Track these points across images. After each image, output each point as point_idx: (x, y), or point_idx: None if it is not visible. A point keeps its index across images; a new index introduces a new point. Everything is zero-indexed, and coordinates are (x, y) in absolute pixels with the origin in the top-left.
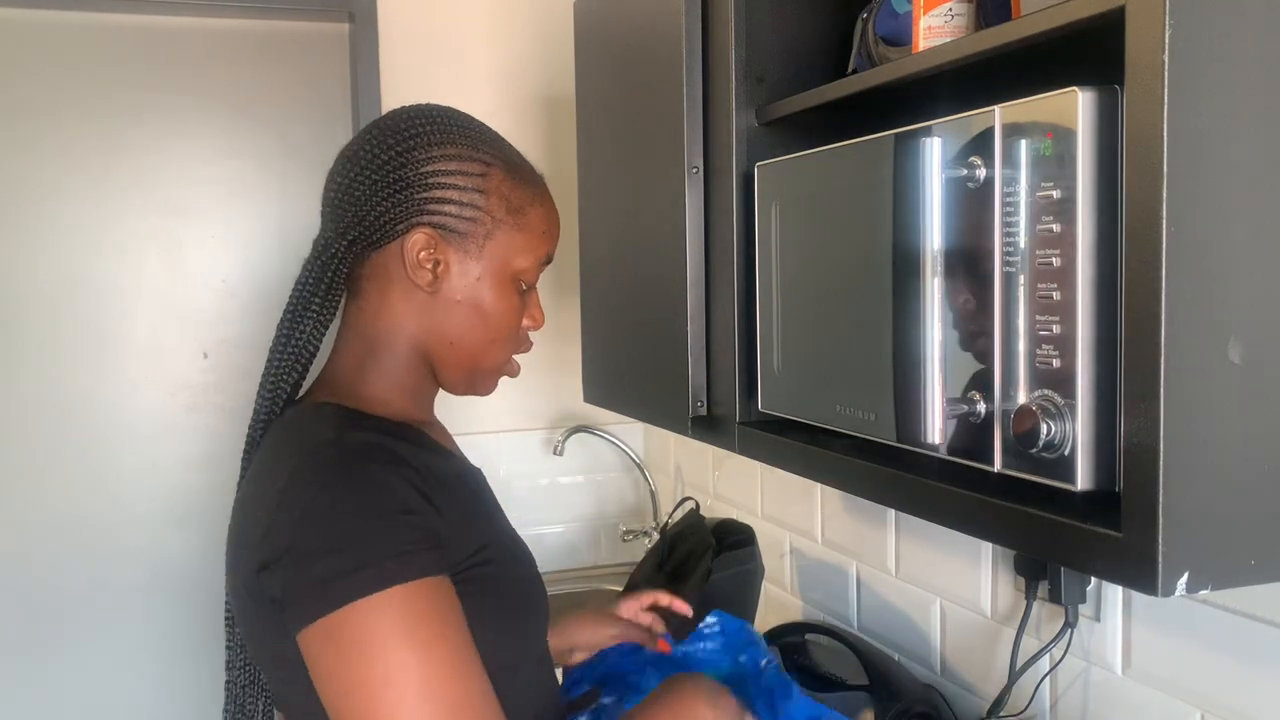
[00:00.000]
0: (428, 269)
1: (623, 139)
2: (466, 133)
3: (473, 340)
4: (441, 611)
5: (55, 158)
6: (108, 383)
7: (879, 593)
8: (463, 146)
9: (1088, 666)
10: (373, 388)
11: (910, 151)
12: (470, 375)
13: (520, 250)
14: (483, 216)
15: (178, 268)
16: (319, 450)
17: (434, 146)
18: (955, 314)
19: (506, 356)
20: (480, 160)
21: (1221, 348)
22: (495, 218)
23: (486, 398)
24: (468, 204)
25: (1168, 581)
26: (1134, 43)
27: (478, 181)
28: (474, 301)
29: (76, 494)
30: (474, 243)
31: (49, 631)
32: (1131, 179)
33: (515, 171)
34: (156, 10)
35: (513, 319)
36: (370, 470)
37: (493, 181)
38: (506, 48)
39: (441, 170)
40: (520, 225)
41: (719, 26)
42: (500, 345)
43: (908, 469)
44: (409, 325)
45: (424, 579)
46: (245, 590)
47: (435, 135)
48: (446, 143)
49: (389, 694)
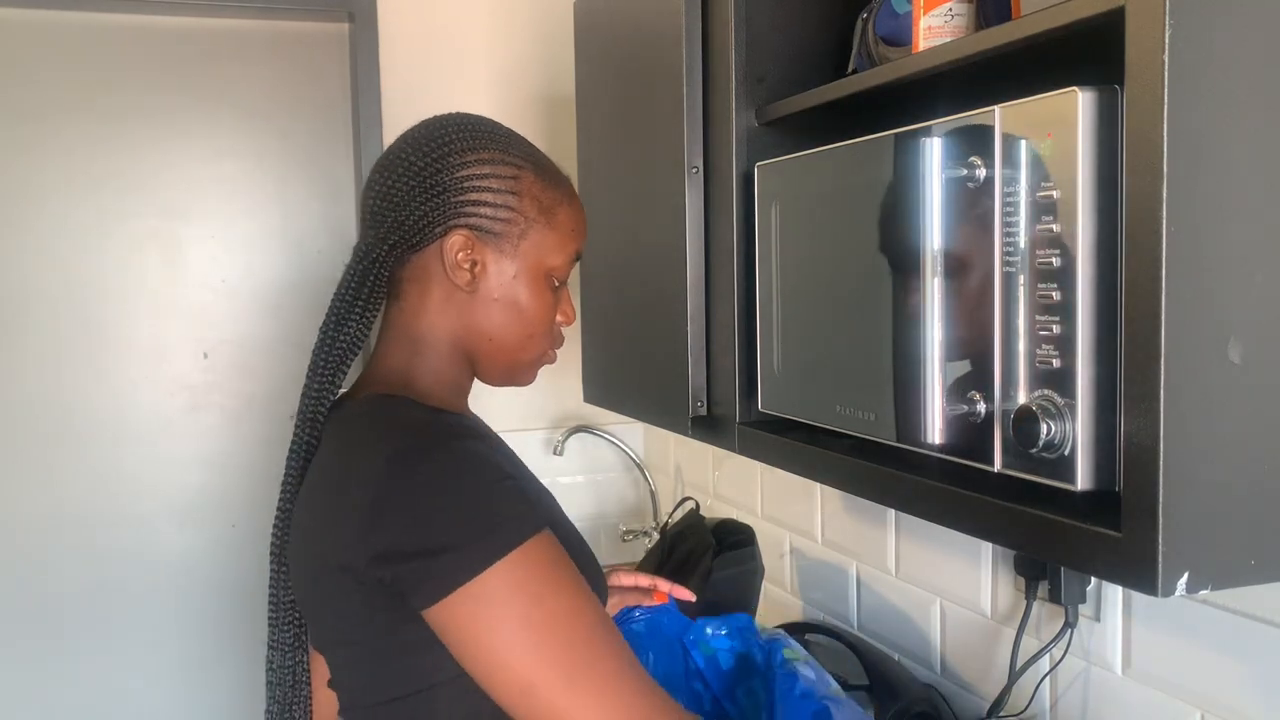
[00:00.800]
0: (466, 269)
1: (623, 139)
2: (496, 138)
3: (511, 335)
4: (563, 556)
5: (55, 158)
6: (108, 383)
7: (879, 593)
8: (495, 151)
9: (1088, 666)
10: (420, 382)
11: (910, 151)
12: (508, 368)
13: (553, 248)
14: (516, 217)
15: (178, 268)
16: (415, 432)
17: (468, 152)
18: (955, 314)
19: (542, 350)
20: (512, 164)
21: (1221, 348)
22: (529, 218)
23: (485, 397)
24: (502, 205)
25: (1168, 581)
26: (1134, 43)
27: (511, 184)
28: (511, 299)
29: (76, 494)
30: (509, 243)
31: (49, 631)
32: (1131, 179)
33: (545, 173)
34: (156, 10)
35: (547, 314)
36: (468, 444)
37: (524, 184)
38: (506, 48)
39: (476, 174)
40: (552, 224)
41: (719, 26)
42: (537, 340)
43: (908, 469)
44: (449, 323)
45: (542, 533)
46: (337, 576)
47: (468, 141)
48: (479, 148)
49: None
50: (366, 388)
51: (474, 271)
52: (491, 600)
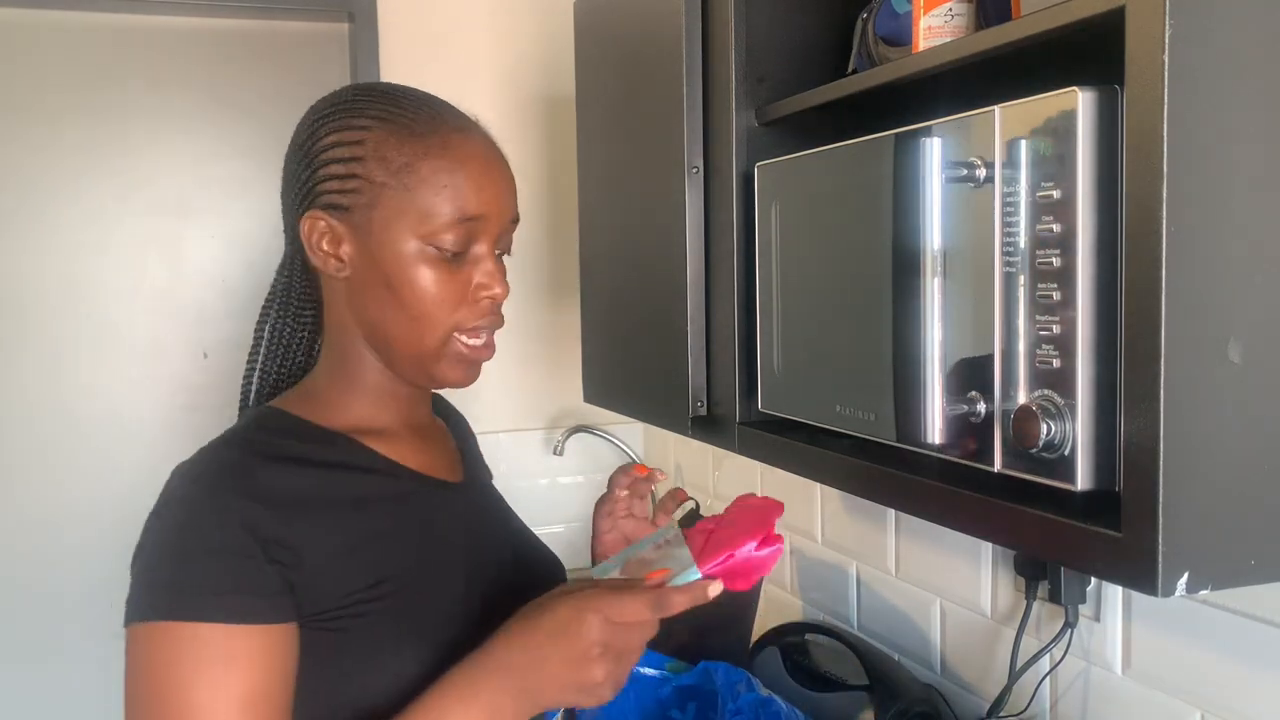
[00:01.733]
0: (330, 254)
1: (623, 139)
2: (346, 103)
3: (396, 324)
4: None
5: (55, 158)
6: (108, 383)
7: (879, 593)
8: (343, 117)
9: (1088, 666)
10: (338, 393)
11: (910, 151)
12: (416, 363)
13: (415, 212)
14: (362, 185)
15: (178, 268)
16: (181, 467)
17: (318, 125)
18: (955, 314)
19: (444, 334)
20: (357, 126)
21: (1221, 348)
22: (376, 182)
23: (485, 397)
24: (348, 175)
25: (1168, 581)
26: (1134, 43)
27: (354, 149)
28: (383, 279)
29: (76, 493)
30: (361, 215)
31: (48, 631)
32: (1131, 179)
33: (401, 129)
34: (156, 10)
35: (433, 291)
36: (201, 500)
37: (370, 146)
38: (506, 48)
39: (321, 147)
40: (408, 185)
41: (719, 26)
42: (432, 324)
43: (908, 469)
44: (347, 321)
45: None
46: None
47: (319, 113)
48: (327, 119)
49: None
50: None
51: (340, 255)
52: (131, 653)
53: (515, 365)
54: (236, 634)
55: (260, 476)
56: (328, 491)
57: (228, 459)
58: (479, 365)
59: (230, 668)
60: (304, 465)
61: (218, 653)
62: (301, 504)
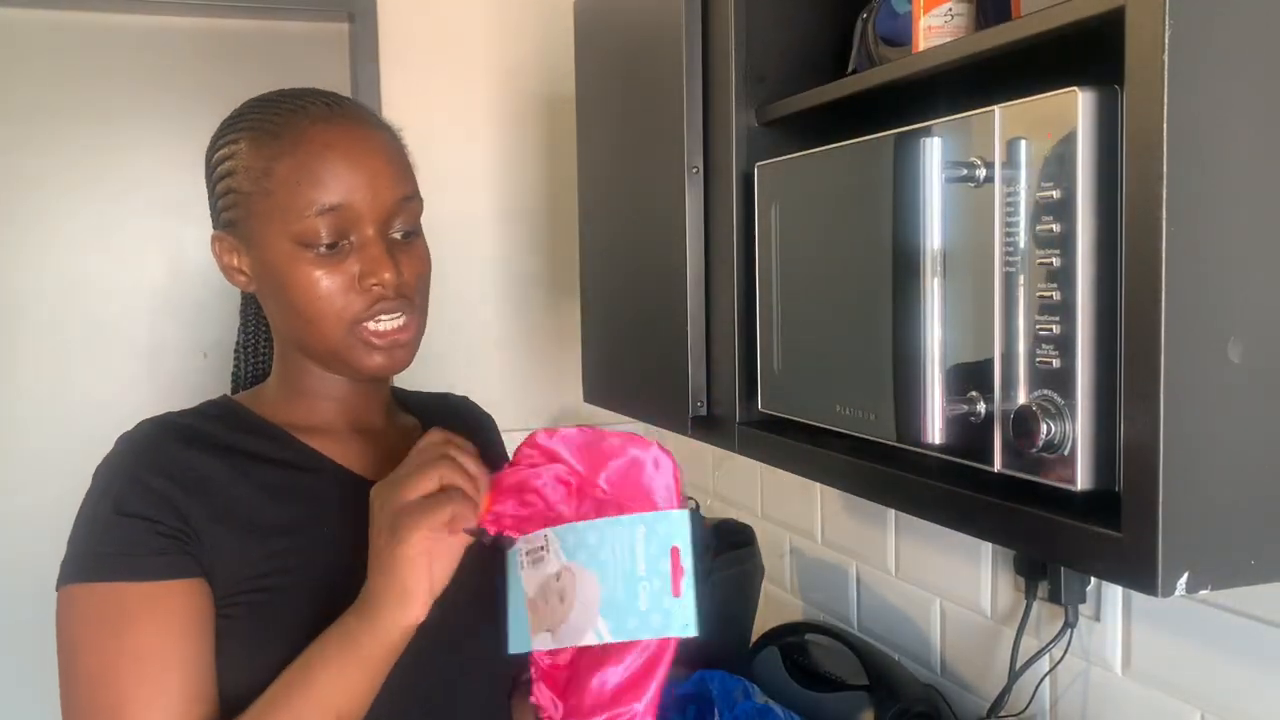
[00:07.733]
0: (237, 270)
1: (623, 139)
2: (235, 118)
3: (296, 326)
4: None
5: (56, 158)
6: (108, 382)
7: (879, 593)
8: (225, 134)
9: (1088, 666)
10: (284, 394)
11: (910, 151)
12: (333, 358)
13: (279, 213)
14: (238, 198)
15: (178, 268)
16: (127, 436)
17: (211, 145)
18: (955, 314)
19: (344, 328)
20: (229, 141)
21: (1221, 348)
22: (245, 192)
23: (486, 397)
24: (226, 191)
25: (1168, 581)
26: (1134, 43)
27: (230, 164)
28: (274, 287)
29: (76, 493)
30: (243, 228)
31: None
32: (1131, 179)
33: (263, 134)
34: (156, 10)
35: (318, 287)
36: (114, 470)
37: (240, 158)
38: (506, 48)
39: (211, 166)
40: (269, 189)
41: (719, 26)
42: (323, 321)
43: (908, 469)
44: (275, 328)
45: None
46: None
47: (215, 133)
48: (216, 138)
49: (62, 679)
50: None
51: (244, 270)
52: (60, 616)
53: (515, 365)
54: (129, 591)
55: (172, 453)
56: (238, 479)
57: (143, 435)
58: (402, 349)
59: (123, 624)
60: (220, 451)
61: (110, 611)
62: (203, 486)
